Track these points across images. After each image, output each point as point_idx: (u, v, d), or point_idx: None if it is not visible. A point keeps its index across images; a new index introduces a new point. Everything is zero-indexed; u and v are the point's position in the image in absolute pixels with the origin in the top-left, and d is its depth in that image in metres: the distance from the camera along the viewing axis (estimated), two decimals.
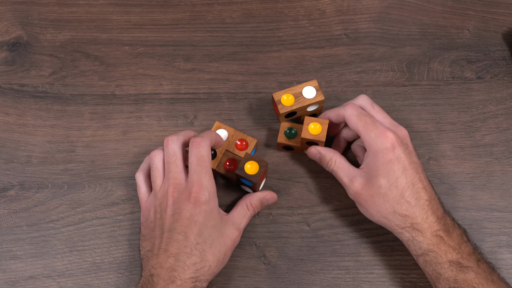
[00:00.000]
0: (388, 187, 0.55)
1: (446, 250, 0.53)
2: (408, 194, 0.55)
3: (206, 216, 0.55)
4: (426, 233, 0.54)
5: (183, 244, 0.54)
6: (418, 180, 0.56)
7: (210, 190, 0.56)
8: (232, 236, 0.57)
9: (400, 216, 0.55)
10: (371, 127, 0.57)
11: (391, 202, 0.55)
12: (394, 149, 0.56)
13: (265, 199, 0.62)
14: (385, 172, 0.55)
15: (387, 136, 0.56)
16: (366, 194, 0.57)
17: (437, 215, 0.55)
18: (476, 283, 0.52)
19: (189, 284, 0.53)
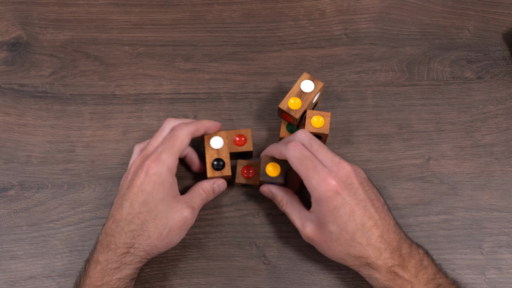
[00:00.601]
0: (339, 232, 0.54)
1: (401, 285, 0.53)
2: (359, 236, 0.54)
3: (155, 187, 0.56)
4: (381, 270, 0.53)
5: (126, 211, 0.55)
6: (368, 219, 0.54)
7: (166, 165, 0.56)
8: (183, 212, 0.56)
9: (354, 257, 0.54)
10: (312, 173, 0.54)
11: (343, 245, 0.54)
12: (338, 195, 0.54)
13: (216, 185, 0.61)
14: (332, 219, 0.54)
15: (328, 183, 0.54)
16: (319, 239, 0.56)
17: (391, 249, 0.53)
18: None
19: (122, 248, 0.54)
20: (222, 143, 0.62)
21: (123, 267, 0.54)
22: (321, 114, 0.62)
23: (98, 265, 0.54)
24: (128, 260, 0.54)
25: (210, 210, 0.64)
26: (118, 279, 0.54)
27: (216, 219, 0.64)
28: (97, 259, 0.54)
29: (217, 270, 0.61)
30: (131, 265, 0.55)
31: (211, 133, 0.63)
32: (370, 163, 0.66)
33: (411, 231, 0.63)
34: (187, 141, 0.59)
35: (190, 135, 0.59)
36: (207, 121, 0.62)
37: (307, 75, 0.64)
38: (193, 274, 0.61)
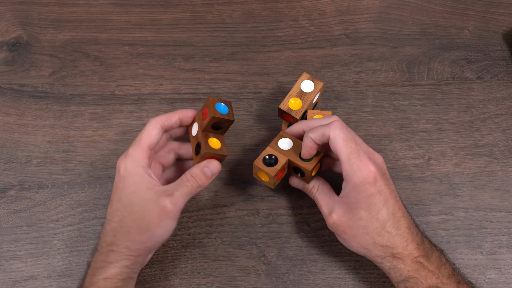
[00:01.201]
0: (369, 219, 0.54)
1: (426, 275, 0.53)
2: (389, 225, 0.54)
3: (125, 182, 0.56)
4: (406, 260, 0.53)
5: (108, 212, 0.56)
6: (398, 209, 0.55)
7: (132, 158, 0.56)
8: (159, 202, 0.54)
9: (380, 246, 0.54)
10: (355, 157, 0.54)
11: (371, 234, 0.54)
12: (376, 183, 0.54)
13: (206, 167, 0.57)
14: (366, 205, 0.54)
15: (369, 169, 0.53)
16: (345, 225, 0.55)
17: (417, 241, 0.54)
18: None
19: (105, 247, 0.55)
20: (197, 127, 0.59)
21: (108, 266, 0.54)
22: (322, 113, 0.62)
23: (88, 269, 0.55)
24: (111, 258, 0.54)
25: (210, 210, 0.64)
26: (105, 279, 0.53)
27: (216, 219, 0.64)
28: (89, 263, 0.55)
29: (217, 270, 0.61)
30: (116, 263, 0.54)
31: (189, 121, 0.59)
32: None
33: None
34: (155, 131, 0.57)
35: (157, 125, 0.57)
36: (180, 110, 0.59)
37: (307, 75, 0.64)
38: (193, 274, 0.61)
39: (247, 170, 0.66)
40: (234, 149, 0.67)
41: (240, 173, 0.66)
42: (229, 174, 0.66)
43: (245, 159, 0.67)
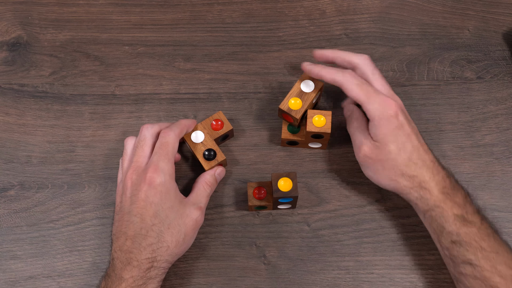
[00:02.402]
0: (397, 152, 0.57)
1: (452, 206, 0.55)
2: (415, 157, 0.57)
3: (162, 197, 0.56)
4: (433, 190, 0.56)
5: (139, 226, 0.55)
6: (421, 144, 0.58)
7: (167, 173, 0.57)
8: (193, 215, 0.57)
9: (408, 177, 0.57)
10: (374, 96, 0.58)
11: (400, 165, 0.57)
12: (398, 116, 0.58)
13: (217, 174, 0.62)
14: (393, 137, 0.58)
15: (390, 104, 0.58)
16: (375, 158, 0.59)
17: (442, 175, 0.57)
18: (478, 238, 0.54)
19: (145, 264, 0.54)
20: (203, 135, 0.63)
21: (149, 282, 0.54)
22: (322, 113, 0.62)
23: (122, 282, 0.53)
24: (153, 274, 0.54)
25: (210, 210, 0.64)
26: None
27: (216, 219, 0.64)
28: (121, 276, 0.53)
29: (217, 270, 0.61)
30: (156, 278, 0.55)
31: (190, 131, 0.64)
32: None
33: (411, 230, 0.63)
34: (177, 145, 0.60)
35: (178, 138, 0.60)
36: (184, 120, 0.63)
37: (307, 75, 0.64)
38: (193, 274, 0.61)
39: (247, 170, 0.66)
40: (234, 149, 0.67)
41: (240, 173, 0.66)
42: (229, 174, 0.66)
43: (245, 159, 0.67)
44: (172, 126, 0.61)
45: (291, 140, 0.65)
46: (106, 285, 0.54)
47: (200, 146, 0.63)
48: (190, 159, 0.67)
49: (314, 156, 0.67)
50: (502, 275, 0.52)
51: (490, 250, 0.53)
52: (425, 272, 0.61)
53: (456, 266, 0.54)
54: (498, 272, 0.52)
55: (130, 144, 0.61)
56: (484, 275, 0.52)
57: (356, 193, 0.65)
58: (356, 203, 0.64)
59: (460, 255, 0.54)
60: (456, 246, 0.54)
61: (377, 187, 0.64)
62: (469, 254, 0.53)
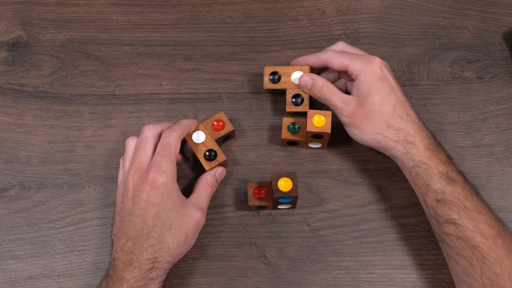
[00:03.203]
0: (382, 102, 0.59)
1: (437, 163, 0.56)
2: (400, 110, 0.59)
3: (164, 198, 0.56)
4: (419, 145, 0.57)
5: (140, 227, 0.55)
6: (405, 100, 0.60)
7: (169, 174, 0.57)
8: (194, 216, 0.57)
9: (394, 130, 0.58)
10: (356, 57, 0.61)
11: (385, 117, 0.58)
12: (382, 69, 0.60)
13: (218, 175, 0.63)
14: (377, 88, 0.59)
15: (373, 59, 0.60)
16: (361, 113, 0.59)
17: (427, 132, 0.59)
18: (462, 197, 0.54)
19: (147, 265, 0.54)
20: (204, 135, 0.64)
21: (150, 282, 0.54)
22: (322, 113, 0.62)
23: (124, 283, 0.53)
24: (154, 275, 0.54)
25: (210, 210, 0.64)
26: None
27: (216, 219, 0.64)
28: (122, 277, 0.53)
29: (217, 270, 0.61)
30: (157, 279, 0.55)
31: (191, 131, 0.64)
32: (370, 163, 0.66)
33: (411, 231, 0.63)
34: (179, 146, 0.60)
35: (179, 139, 0.60)
36: (186, 121, 0.63)
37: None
38: (193, 274, 0.61)
39: (247, 170, 0.66)
40: (234, 149, 0.67)
41: (240, 173, 0.66)
42: (229, 174, 0.66)
43: (245, 159, 0.67)
44: (174, 126, 0.61)
45: (291, 140, 0.65)
46: (107, 286, 0.54)
47: (201, 147, 0.63)
48: (191, 159, 0.67)
49: (314, 156, 0.67)
50: (484, 234, 0.53)
51: (473, 209, 0.54)
52: (425, 272, 0.61)
53: (440, 226, 0.55)
54: (480, 231, 0.53)
55: (131, 144, 0.61)
56: (466, 235, 0.53)
57: (356, 193, 0.65)
58: (356, 203, 0.64)
59: (444, 214, 0.55)
60: (440, 205, 0.55)
61: (377, 187, 0.64)
62: (453, 213, 0.54)
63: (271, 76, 0.67)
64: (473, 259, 0.52)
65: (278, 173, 0.60)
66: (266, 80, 0.67)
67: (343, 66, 0.61)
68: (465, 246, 0.53)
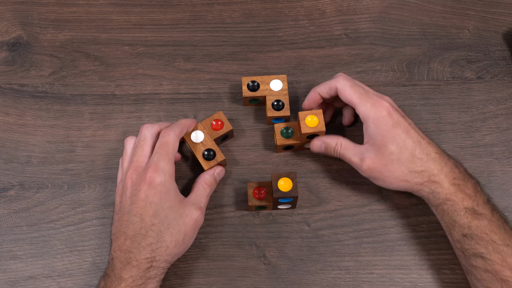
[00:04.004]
0: (399, 151, 0.57)
1: (463, 198, 0.55)
2: (418, 152, 0.57)
3: (162, 197, 0.56)
4: (443, 183, 0.56)
5: (138, 226, 0.55)
6: (422, 138, 0.59)
7: (167, 173, 0.57)
8: (193, 215, 0.57)
9: (416, 173, 0.57)
10: (366, 97, 0.59)
11: (405, 163, 0.57)
12: (392, 115, 0.58)
13: (217, 174, 0.63)
14: (391, 138, 0.58)
15: (382, 104, 0.59)
16: (379, 165, 0.58)
17: (450, 165, 0.57)
18: (489, 230, 0.54)
19: (145, 264, 0.54)
20: (203, 134, 0.64)
21: (149, 281, 0.54)
22: (313, 113, 0.62)
23: (122, 282, 0.53)
24: (152, 274, 0.54)
25: (210, 210, 0.64)
26: None
27: (216, 219, 0.64)
28: (120, 276, 0.53)
29: (217, 270, 0.61)
30: (155, 278, 0.55)
31: (190, 130, 0.64)
32: None
33: (411, 231, 0.63)
34: (177, 145, 0.60)
35: (178, 138, 0.60)
36: (184, 120, 0.63)
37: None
38: (193, 274, 0.61)
39: (247, 170, 0.66)
40: (234, 149, 0.67)
41: (240, 173, 0.66)
42: (229, 174, 0.66)
43: (245, 159, 0.67)
44: (172, 126, 0.61)
45: (287, 145, 0.65)
46: (106, 285, 0.54)
47: (199, 146, 0.63)
48: (190, 159, 0.67)
49: (314, 156, 0.67)
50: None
51: (501, 243, 0.53)
52: (425, 272, 0.61)
53: (467, 259, 0.55)
54: (508, 265, 0.52)
55: (130, 144, 0.61)
56: (495, 269, 0.53)
57: (356, 193, 0.65)
58: (356, 203, 0.64)
59: (471, 248, 0.54)
60: (467, 239, 0.54)
61: (377, 187, 0.64)
62: (480, 247, 0.54)
63: (250, 83, 0.66)
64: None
65: (278, 173, 0.60)
66: (245, 88, 0.67)
67: (351, 103, 0.60)
68: (493, 279, 0.53)
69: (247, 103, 0.69)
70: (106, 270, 0.56)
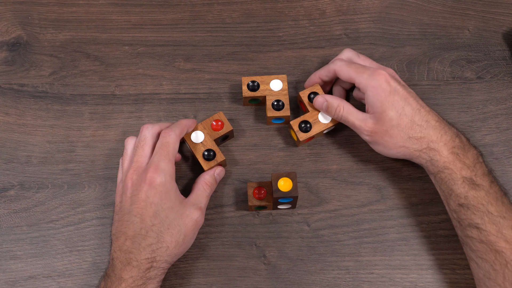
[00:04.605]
0: (398, 116, 0.58)
1: (461, 167, 0.56)
2: (418, 119, 0.58)
3: (162, 197, 0.56)
4: (442, 151, 0.57)
5: (138, 226, 0.55)
6: (421, 106, 0.59)
7: (167, 173, 0.57)
8: (193, 216, 0.57)
9: (415, 140, 0.58)
10: (362, 70, 0.61)
11: (405, 130, 0.58)
12: (389, 83, 0.59)
13: (217, 174, 0.63)
14: (390, 104, 0.59)
15: (378, 73, 0.60)
16: (381, 130, 0.59)
17: (451, 134, 0.58)
18: (485, 201, 0.54)
19: (145, 264, 0.54)
20: (203, 135, 0.64)
21: (149, 282, 0.54)
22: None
23: (122, 282, 0.53)
24: (152, 274, 0.54)
25: (210, 210, 0.64)
26: None
27: (216, 219, 0.64)
28: (121, 276, 0.53)
29: (217, 270, 0.61)
30: (156, 278, 0.55)
31: (190, 131, 0.64)
32: (370, 163, 0.66)
33: (411, 231, 0.63)
34: (177, 145, 0.60)
35: (178, 138, 0.60)
36: (185, 120, 0.63)
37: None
38: (193, 274, 0.61)
39: (247, 170, 0.66)
40: (234, 149, 0.67)
41: (240, 173, 0.66)
42: (229, 174, 0.66)
43: (245, 159, 0.67)
44: (172, 126, 0.61)
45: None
46: (106, 285, 0.54)
47: (200, 146, 0.63)
48: (190, 159, 0.67)
49: (314, 156, 0.67)
50: (507, 239, 0.52)
51: (497, 214, 0.53)
52: (425, 272, 0.61)
53: (463, 229, 0.55)
54: (503, 236, 0.53)
55: (130, 144, 0.61)
56: (489, 239, 0.53)
57: (356, 193, 0.65)
58: (356, 203, 0.64)
59: (467, 218, 0.54)
60: (463, 209, 0.55)
61: (377, 187, 0.64)
62: (476, 218, 0.54)
63: (250, 83, 0.66)
64: (495, 264, 0.52)
65: (278, 173, 0.60)
66: (245, 88, 0.67)
67: (350, 79, 0.62)
68: (488, 250, 0.53)
69: (247, 103, 0.69)
70: (106, 270, 0.56)
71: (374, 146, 0.62)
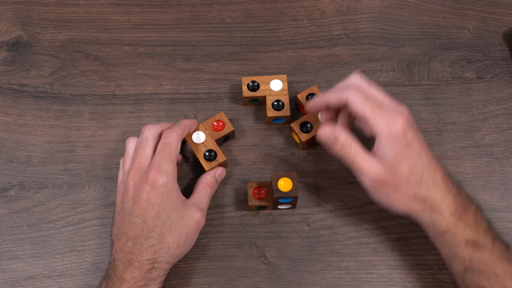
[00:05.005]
0: (409, 172, 0.54)
1: (463, 229, 0.53)
2: (426, 176, 0.54)
3: (164, 198, 0.56)
4: (444, 213, 0.54)
5: (140, 227, 0.55)
6: (432, 159, 0.55)
7: (169, 174, 0.57)
8: (194, 217, 0.57)
9: (420, 201, 0.54)
10: (380, 112, 0.54)
11: (413, 187, 0.54)
12: (406, 134, 0.54)
13: (218, 175, 0.62)
14: (404, 157, 0.54)
15: (398, 121, 0.54)
16: (389, 182, 0.55)
17: (453, 193, 0.55)
18: (491, 263, 0.52)
19: (146, 265, 0.54)
20: (204, 135, 0.64)
21: (150, 283, 0.54)
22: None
23: (124, 283, 0.53)
24: (154, 275, 0.54)
25: (210, 210, 0.64)
26: None
27: (216, 219, 0.64)
28: (122, 277, 0.53)
29: (217, 270, 0.61)
30: (157, 279, 0.55)
31: (191, 131, 0.64)
32: None
33: (412, 231, 0.63)
34: (179, 146, 0.60)
35: (180, 139, 0.60)
36: (186, 121, 0.63)
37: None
38: (193, 274, 0.61)
39: (247, 170, 0.66)
40: (234, 149, 0.67)
41: (240, 173, 0.66)
42: (229, 174, 0.66)
43: (245, 159, 0.67)
44: (174, 126, 0.61)
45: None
46: (107, 286, 0.54)
47: (201, 147, 0.63)
48: (191, 159, 0.67)
49: (314, 156, 0.67)
50: None
51: (503, 276, 0.52)
52: (425, 272, 0.61)
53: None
54: None
55: (131, 144, 0.61)
56: None
57: (356, 193, 0.65)
58: (356, 203, 0.64)
59: (473, 281, 0.53)
60: (469, 273, 0.53)
61: None
62: (483, 281, 0.52)
63: (250, 83, 0.66)
64: None
65: (278, 173, 0.60)
66: (245, 88, 0.67)
67: (363, 116, 0.55)
68: None
69: (247, 103, 0.69)
70: (107, 271, 0.56)
71: (375, 195, 0.57)
